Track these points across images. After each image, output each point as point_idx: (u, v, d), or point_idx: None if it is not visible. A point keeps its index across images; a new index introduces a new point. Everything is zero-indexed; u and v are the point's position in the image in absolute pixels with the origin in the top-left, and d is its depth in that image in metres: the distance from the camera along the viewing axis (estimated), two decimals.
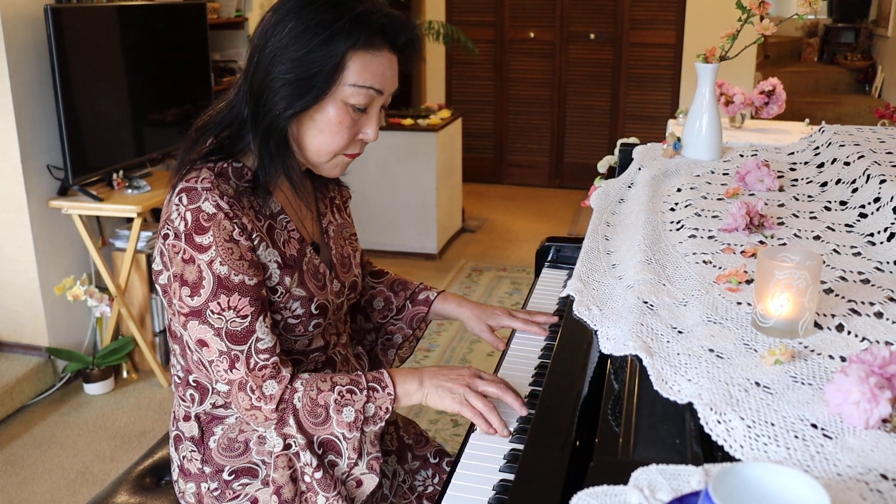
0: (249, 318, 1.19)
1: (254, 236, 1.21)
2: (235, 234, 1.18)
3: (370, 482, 1.24)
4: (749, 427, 0.80)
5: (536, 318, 1.53)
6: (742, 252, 1.30)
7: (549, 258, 1.93)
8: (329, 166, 1.29)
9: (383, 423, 1.23)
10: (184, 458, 1.35)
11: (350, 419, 1.20)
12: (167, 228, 1.19)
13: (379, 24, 1.20)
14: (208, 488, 1.32)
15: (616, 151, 2.11)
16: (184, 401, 1.33)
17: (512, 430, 1.21)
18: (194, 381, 1.31)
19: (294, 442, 1.22)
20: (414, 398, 1.25)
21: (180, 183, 1.20)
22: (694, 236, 1.39)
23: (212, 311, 1.17)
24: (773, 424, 0.80)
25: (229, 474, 1.31)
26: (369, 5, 1.21)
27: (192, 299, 1.17)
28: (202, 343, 1.19)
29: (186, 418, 1.34)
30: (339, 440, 1.21)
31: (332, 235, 1.39)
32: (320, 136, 1.23)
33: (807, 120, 2.39)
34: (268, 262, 1.23)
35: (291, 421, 1.20)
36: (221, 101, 1.29)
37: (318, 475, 1.21)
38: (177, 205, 1.18)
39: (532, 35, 5.98)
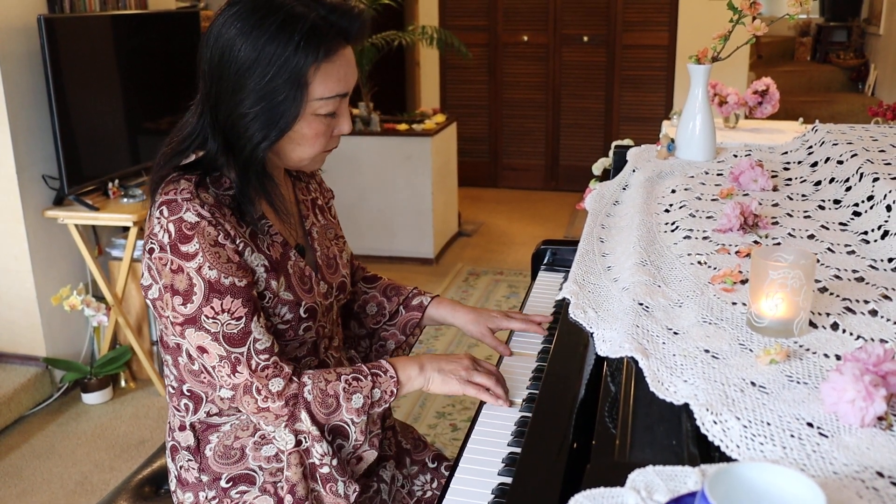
0: (244, 319, 1.19)
1: (237, 242, 1.21)
2: (220, 238, 1.18)
3: (370, 456, 1.28)
4: (745, 427, 0.80)
5: (534, 318, 1.54)
6: (736, 252, 1.31)
7: (546, 261, 1.94)
8: (310, 165, 1.31)
9: (388, 405, 1.27)
10: (181, 467, 1.35)
11: (359, 405, 1.23)
12: (151, 242, 1.20)
13: (333, 27, 1.18)
14: (206, 497, 1.32)
15: (610, 153, 2.11)
16: (178, 411, 1.34)
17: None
18: (188, 390, 1.31)
19: (305, 437, 1.24)
20: (416, 383, 1.29)
21: (160, 196, 1.20)
22: (689, 237, 1.39)
23: (206, 316, 1.18)
24: (769, 424, 0.80)
25: (227, 482, 1.31)
26: (315, 11, 1.17)
27: (186, 307, 1.18)
28: (202, 350, 1.20)
29: (182, 428, 1.34)
30: (349, 425, 1.24)
31: (317, 237, 1.39)
32: (299, 148, 1.25)
33: (800, 119, 2.39)
34: (255, 267, 1.24)
35: (304, 415, 1.22)
36: (184, 126, 1.28)
37: (335, 462, 1.23)
38: (158, 218, 1.18)
39: (525, 38, 5.99)
